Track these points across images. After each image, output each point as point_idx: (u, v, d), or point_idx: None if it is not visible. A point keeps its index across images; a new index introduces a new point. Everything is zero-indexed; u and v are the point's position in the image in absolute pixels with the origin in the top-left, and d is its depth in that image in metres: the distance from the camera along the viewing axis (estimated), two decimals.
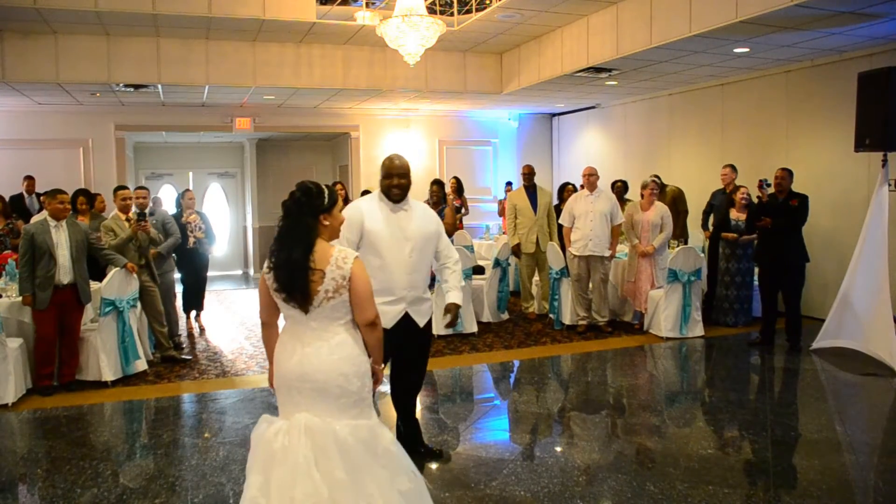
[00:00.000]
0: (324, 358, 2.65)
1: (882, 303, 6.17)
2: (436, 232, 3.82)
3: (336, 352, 2.67)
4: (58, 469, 4.11)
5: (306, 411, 2.62)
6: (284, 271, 2.67)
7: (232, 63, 8.99)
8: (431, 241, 3.83)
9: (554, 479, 3.86)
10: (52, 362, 5.66)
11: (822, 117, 8.16)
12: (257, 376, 6.15)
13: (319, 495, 2.47)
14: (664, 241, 7.48)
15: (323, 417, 2.60)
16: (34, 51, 8.24)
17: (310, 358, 2.66)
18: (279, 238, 2.73)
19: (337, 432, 2.57)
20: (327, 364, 2.65)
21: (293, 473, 2.50)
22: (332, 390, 2.64)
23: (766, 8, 5.99)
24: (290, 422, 2.60)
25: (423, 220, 3.79)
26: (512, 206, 8.35)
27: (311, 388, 2.64)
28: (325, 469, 2.52)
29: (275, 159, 14.12)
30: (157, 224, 7.04)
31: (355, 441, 2.59)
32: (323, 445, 2.54)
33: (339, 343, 2.69)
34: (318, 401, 2.63)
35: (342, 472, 2.52)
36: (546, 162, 13.59)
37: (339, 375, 2.65)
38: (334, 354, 2.67)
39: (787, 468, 4.09)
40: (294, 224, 2.71)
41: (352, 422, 2.64)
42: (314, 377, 2.64)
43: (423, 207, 3.88)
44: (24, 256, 5.45)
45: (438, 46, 7.92)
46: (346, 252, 2.74)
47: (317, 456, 2.53)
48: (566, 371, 6.47)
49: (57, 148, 10.73)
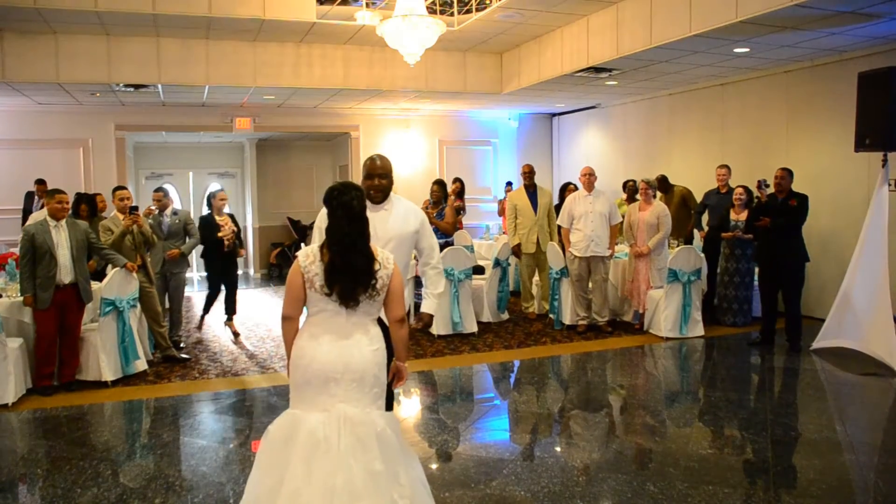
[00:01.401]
0: (364, 350, 2.77)
1: (882, 303, 6.17)
2: (415, 232, 3.66)
3: (373, 344, 2.81)
4: (58, 469, 4.12)
5: (342, 402, 2.70)
6: (348, 278, 2.73)
7: (232, 63, 8.99)
8: (408, 241, 3.67)
9: (554, 479, 3.86)
10: (53, 362, 5.66)
11: (822, 117, 8.16)
12: (257, 376, 6.15)
13: (355, 485, 2.57)
14: (659, 241, 7.47)
15: (361, 407, 2.71)
16: (34, 51, 8.24)
17: (351, 350, 2.75)
18: (339, 242, 2.74)
19: (376, 422, 2.69)
20: (368, 355, 2.77)
21: (334, 464, 2.58)
22: (369, 380, 2.76)
23: (766, 8, 5.99)
24: (330, 414, 2.67)
25: (401, 219, 3.65)
26: (512, 206, 8.35)
27: (350, 379, 2.73)
28: (363, 460, 2.61)
29: (275, 159, 14.13)
30: (179, 224, 7.08)
31: (391, 432, 2.72)
32: (363, 436, 2.65)
33: (374, 336, 2.84)
34: (355, 391, 2.73)
35: (380, 464, 2.62)
36: (546, 162, 13.60)
37: (374, 366, 2.79)
38: (372, 346, 2.80)
39: (787, 468, 4.09)
40: (355, 228, 2.76)
41: (384, 412, 2.78)
42: (355, 368, 2.73)
43: (405, 207, 3.71)
44: (25, 257, 5.45)
45: (438, 46, 7.91)
46: (386, 253, 2.88)
47: (357, 448, 2.62)
48: (566, 371, 6.48)
49: (57, 148, 10.73)
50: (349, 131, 12.38)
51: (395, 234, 3.59)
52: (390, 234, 3.57)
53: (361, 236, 2.77)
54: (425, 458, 4.21)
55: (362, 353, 2.76)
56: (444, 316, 7.36)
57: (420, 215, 3.75)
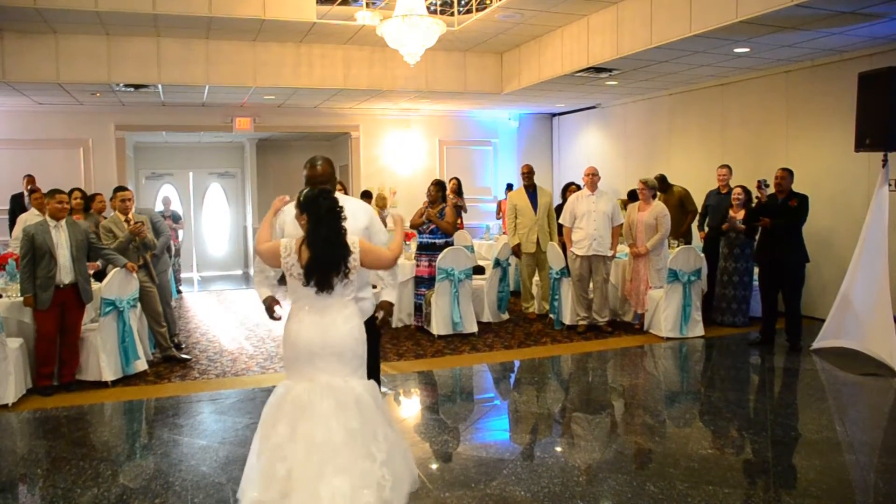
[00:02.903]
0: (340, 327, 3.15)
1: (882, 303, 6.17)
2: (364, 228, 3.65)
3: (348, 321, 3.18)
4: (58, 469, 4.12)
5: (325, 373, 3.10)
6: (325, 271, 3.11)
7: (232, 63, 8.99)
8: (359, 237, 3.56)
9: (554, 479, 3.86)
10: (53, 362, 5.66)
11: (822, 117, 8.15)
12: (257, 376, 6.15)
13: (334, 442, 2.96)
14: (658, 241, 7.47)
15: (342, 377, 3.10)
16: (34, 51, 8.24)
17: (328, 328, 3.13)
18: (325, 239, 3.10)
19: (356, 389, 3.08)
20: (343, 332, 3.15)
21: (315, 423, 2.98)
22: (346, 353, 3.14)
23: (766, 8, 5.99)
24: (314, 383, 3.07)
25: (350, 217, 3.51)
26: (512, 206, 8.35)
27: (330, 353, 3.11)
28: (342, 420, 3.00)
29: (275, 159, 14.13)
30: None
31: (369, 396, 3.11)
32: (343, 401, 3.03)
33: (350, 314, 3.20)
34: (336, 363, 3.12)
35: (356, 423, 3.00)
36: (546, 162, 13.60)
37: (352, 340, 3.16)
38: (347, 324, 3.17)
39: (787, 468, 4.09)
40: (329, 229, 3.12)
41: (364, 381, 3.18)
42: (332, 343, 3.12)
43: (352, 205, 3.67)
44: (25, 257, 5.45)
45: (438, 46, 7.91)
46: (352, 238, 3.20)
47: (337, 410, 3.01)
48: (566, 371, 6.47)
49: (57, 148, 10.73)
50: (349, 131, 12.38)
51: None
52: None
53: (338, 235, 3.13)
54: (425, 458, 4.22)
55: (338, 330, 3.14)
56: (444, 316, 7.36)
57: (369, 212, 3.81)
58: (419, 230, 7.74)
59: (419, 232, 7.75)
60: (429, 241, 7.58)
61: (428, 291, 7.49)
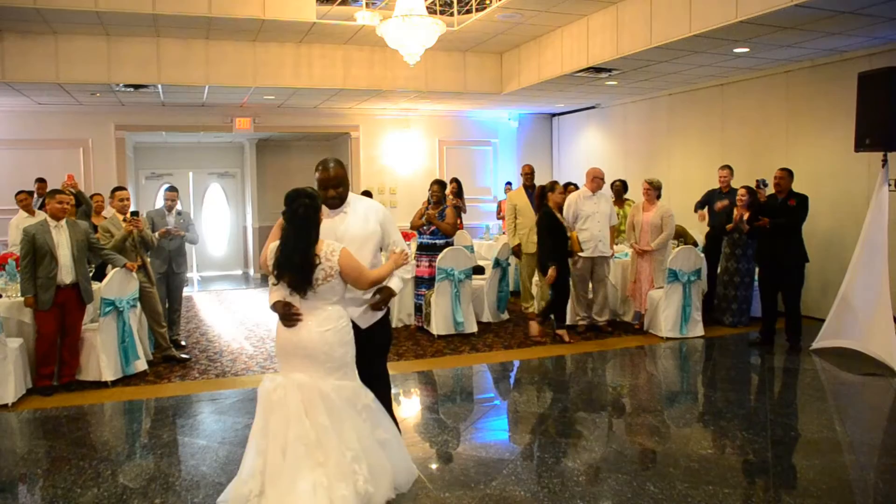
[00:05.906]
0: (312, 330, 3.25)
1: (882, 303, 6.17)
2: (375, 231, 3.61)
3: (323, 325, 3.26)
4: (58, 469, 4.12)
5: (301, 372, 3.25)
6: (290, 272, 3.22)
7: (232, 63, 8.99)
8: (370, 241, 3.62)
9: (554, 479, 3.86)
10: (53, 362, 5.66)
11: (822, 117, 8.15)
12: (257, 376, 6.14)
13: (308, 437, 3.11)
14: (663, 241, 7.47)
15: (313, 377, 3.23)
16: (34, 51, 8.24)
17: (299, 331, 3.27)
18: (284, 243, 3.23)
19: (321, 388, 3.20)
20: (315, 335, 3.24)
21: (287, 419, 3.14)
22: (319, 356, 3.24)
23: (766, 8, 5.99)
24: (287, 379, 3.24)
25: (361, 219, 3.59)
26: (512, 207, 8.35)
27: (303, 355, 3.26)
28: (312, 416, 3.14)
29: (275, 159, 14.12)
30: (182, 224, 7.10)
31: (337, 397, 3.22)
32: (310, 398, 3.17)
33: (326, 318, 3.28)
34: (308, 365, 3.25)
35: (326, 419, 3.14)
36: (546, 162, 13.59)
37: (324, 344, 3.25)
38: (321, 327, 3.26)
39: (787, 468, 4.09)
40: (303, 228, 3.22)
41: (337, 382, 3.26)
42: (303, 346, 3.25)
43: (366, 206, 3.62)
44: (26, 258, 5.45)
45: (438, 46, 7.91)
46: (333, 246, 3.28)
47: (306, 406, 3.16)
48: (566, 371, 6.47)
49: (57, 148, 10.73)
50: (349, 131, 12.38)
51: (355, 234, 3.56)
52: (350, 234, 3.54)
53: (302, 239, 3.20)
54: (425, 458, 4.21)
55: (310, 334, 3.24)
56: (444, 316, 7.36)
57: (381, 213, 3.69)
58: (419, 231, 7.74)
59: (419, 233, 7.76)
60: (429, 241, 7.59)
61: (428, 291, 7.49)
